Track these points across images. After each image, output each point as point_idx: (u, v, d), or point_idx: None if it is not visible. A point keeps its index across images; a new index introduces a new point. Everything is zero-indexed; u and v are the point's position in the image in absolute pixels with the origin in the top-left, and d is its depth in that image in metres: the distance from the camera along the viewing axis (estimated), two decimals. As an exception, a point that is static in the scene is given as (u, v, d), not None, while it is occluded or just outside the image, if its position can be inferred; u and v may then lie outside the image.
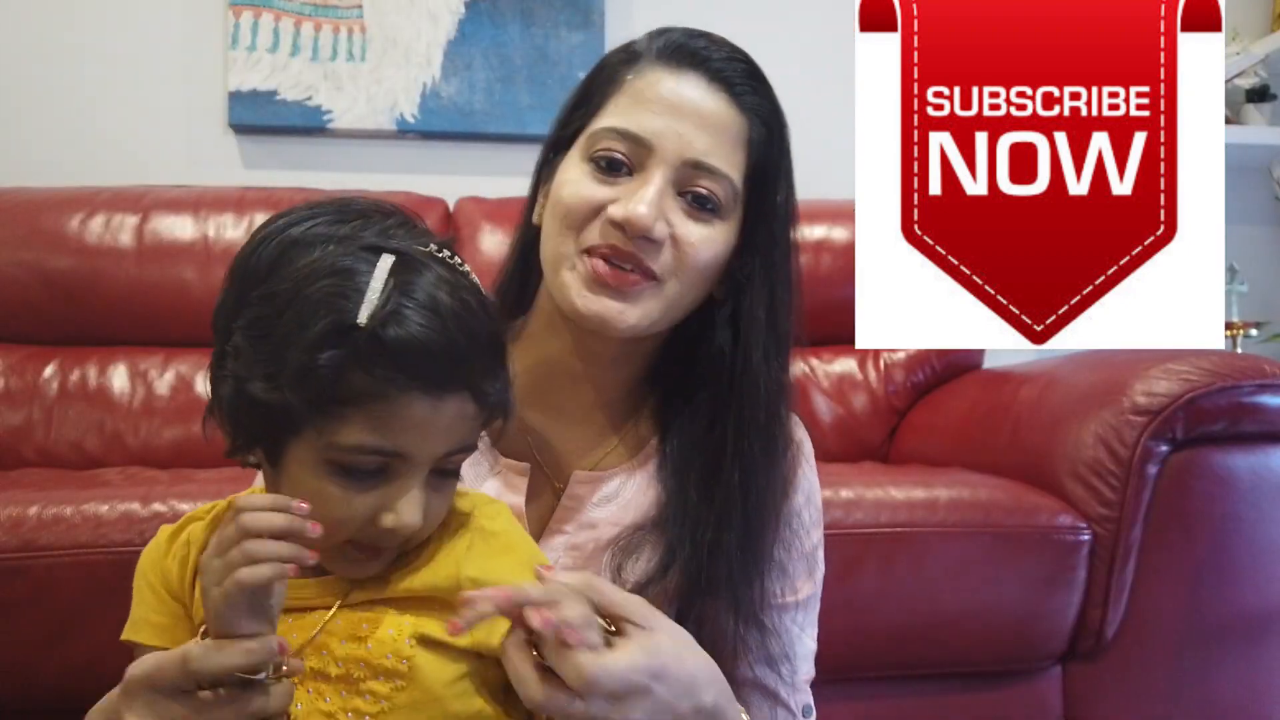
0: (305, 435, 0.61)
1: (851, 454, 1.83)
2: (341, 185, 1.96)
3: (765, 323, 0.81)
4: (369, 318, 0.58)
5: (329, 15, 2.10)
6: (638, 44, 0.82)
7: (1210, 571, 1.30)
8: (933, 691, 1.33)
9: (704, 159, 0.77)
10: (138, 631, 0.72)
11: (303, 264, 0.61)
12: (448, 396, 0.61)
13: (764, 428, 0.82)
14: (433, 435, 0.62)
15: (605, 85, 0.80)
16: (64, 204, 1.80)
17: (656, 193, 0.75)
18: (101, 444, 1.69)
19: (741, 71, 0.80)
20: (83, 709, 1.13)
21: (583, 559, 0.82)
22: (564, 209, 0.78)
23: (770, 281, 0.81)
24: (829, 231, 1.93)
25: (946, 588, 1.26)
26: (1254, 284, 2.33)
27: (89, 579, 1.08)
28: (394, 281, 0.60)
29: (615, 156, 0.77)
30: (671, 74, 0.78)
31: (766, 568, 0.81)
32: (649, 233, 0.75)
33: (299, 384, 0.58)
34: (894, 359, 1.91)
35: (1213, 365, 1.28)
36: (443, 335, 0.59)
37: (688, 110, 0.77)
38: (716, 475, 0.80)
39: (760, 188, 0.80)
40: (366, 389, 0.59)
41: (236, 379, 0.62)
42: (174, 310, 1.79)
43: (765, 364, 0.81)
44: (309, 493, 0.62)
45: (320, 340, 0.58)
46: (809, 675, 0.87)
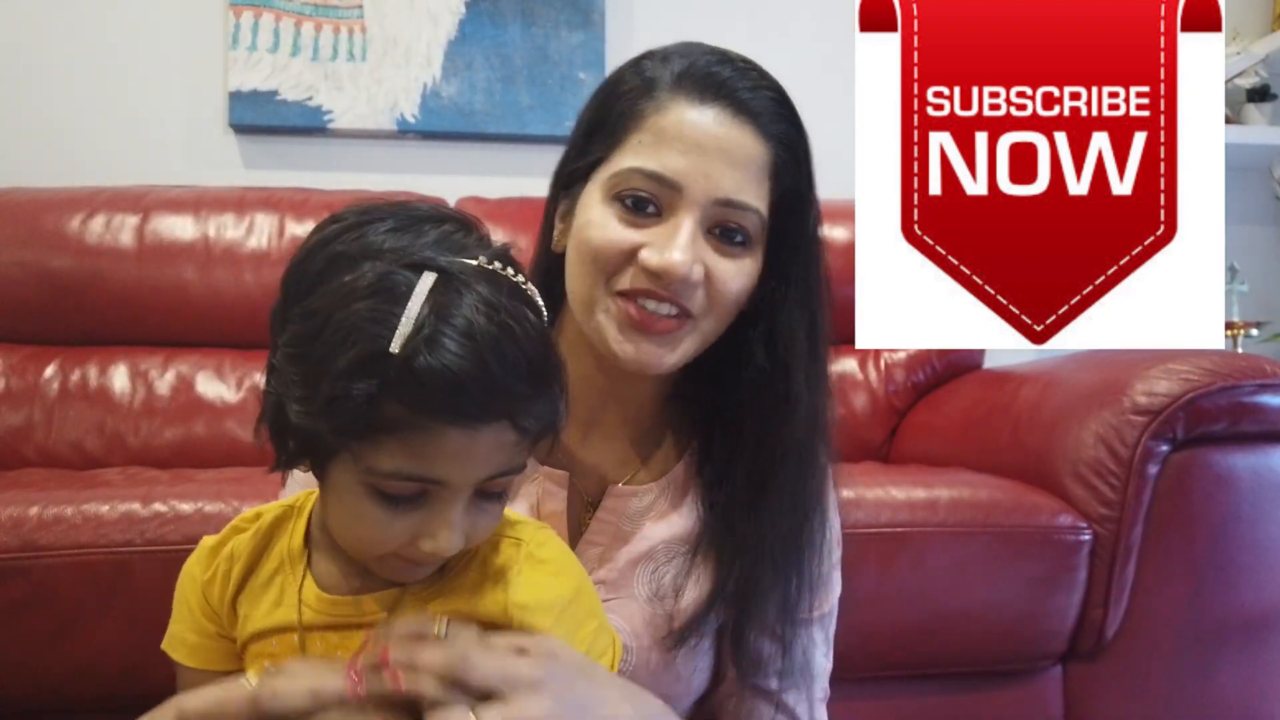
0: (342, 458, 0.60)
1: (852, 454, 1.83)
2: (342, 185, 1.96)
3: (806, 345, 0.81)
4: (402, 346, 0.56)
5: (329, 15, 2.10)
6: (653, 68, 0.78)
7: (1211, 571, 1.30)
8: (933, 691, 1.33)
9: (733, 196, 0.75)
10: (175, 649, 0.71)
11: (344, 281, 0.59)
12: (484, 427, 0.58)
13: (809, 449, 0.82)
14: (470, 463, 0.60)
15: (624, 118, 0.77)
16: (64, 204, 1.80)
17: (689, 238, 0.74)
18: (102, 444, 1.69)
19: (768, 100, 0.78)
20: (83, 709, 1.13)
21: (615, 572, 0.83)
22: (592, 252, 0.76)
23: (809, 305, 0.82)
24: (829, 231, 1.91)
25: (946, 588, 1.26)
26: (1254, 284, 2.33)
27: (89, 579, 1.08)
28: (431, 304, 0.57)
29: (641, 196, 0.75)
30: (694, 107, 0.76)
31: (806, 587, 0.82)
32: (688, 279, 0.74)
33: (332, 412, 0.57)
34: (894, 359, 1.91)
35: (1213, 365, 1.28)
36: (477, 366, 0.56)
37: (713, 148, 0.75)
38: (763, 497, 0.80)
39: (788, 214, 0.80)
40: (400, 418, 0.57)
41: (277, 397, 0.61)
42: (174, 310, 1.79)
43: (807, 386, 0.81)
44: (350, 510, 0.61)
45: (353, 369, 0.56)
46: (824, 694, 0.87)
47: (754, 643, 0.81)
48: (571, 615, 0.68)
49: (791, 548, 0.80)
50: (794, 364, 0.80)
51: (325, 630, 0.65)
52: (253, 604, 0.68)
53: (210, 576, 0.69)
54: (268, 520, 0.70)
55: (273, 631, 0.67)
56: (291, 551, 0.68)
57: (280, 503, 0.72)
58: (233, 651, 0.69)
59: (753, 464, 0.81)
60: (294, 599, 0.66)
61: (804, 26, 2.28)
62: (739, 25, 2.26)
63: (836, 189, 1.83)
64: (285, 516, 0.71)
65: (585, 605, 0.70)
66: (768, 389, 0.81)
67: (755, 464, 0.81)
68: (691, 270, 0.74)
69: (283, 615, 0.66)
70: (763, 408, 0.81)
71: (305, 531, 0.69)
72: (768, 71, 0.81)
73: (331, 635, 0.65)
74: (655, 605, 0.81)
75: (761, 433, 0.81)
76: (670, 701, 0.81)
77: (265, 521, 0.70)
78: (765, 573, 0.79)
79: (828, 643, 0.87)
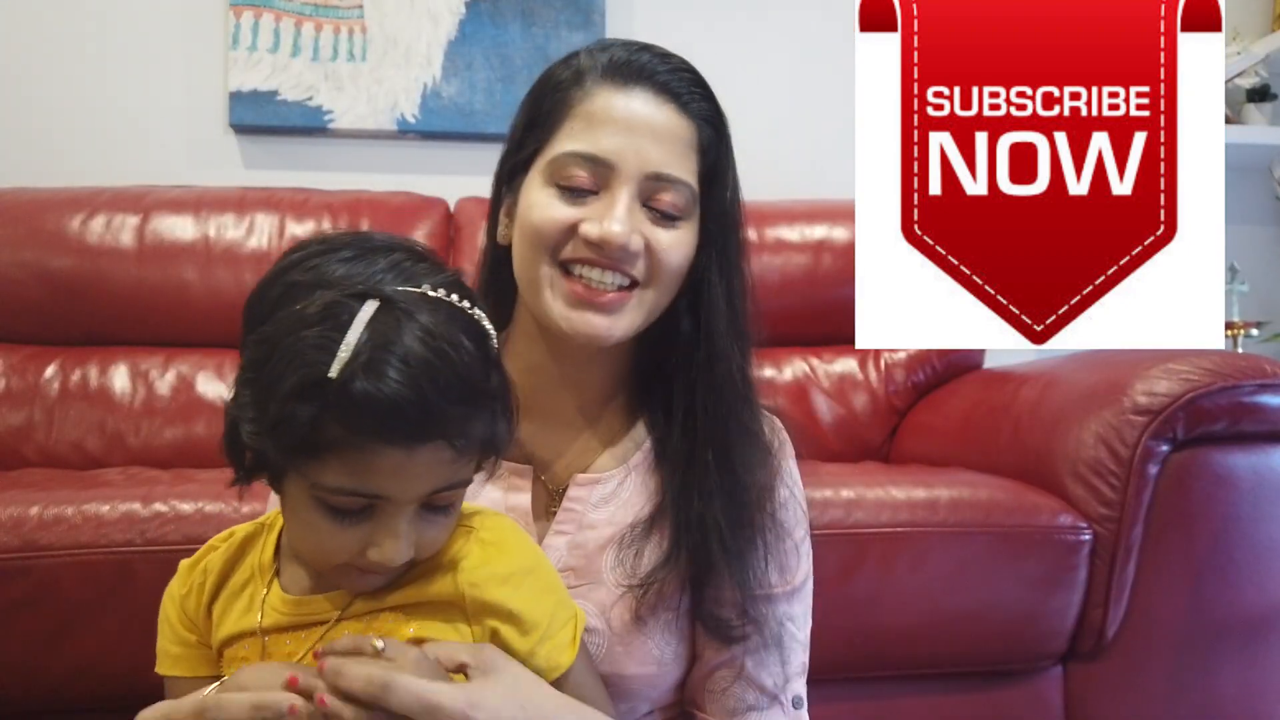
0: (292, 475, 0.63)
1: (852, 454, 1.83)
2: (342, 185, 1.96)
3: (726, 310, 0.85)
4: (340, 371, 0.59)
5: (330, 15, 2.10)
6: (581, 62, 0.84)
7: (1211, 571, 1.30)
8: (933, 691, 1.33)
9: (663, 170, 0.80)
10: (161, 663, 0.75)
11: (296, 309, 0.62)
12: (419, 447, 0.61)
13: (734, 406, 0.85)
14: (410, 480, 0.63)
15: (556, 108, 0.82)
16: (65, 204, 1.80)
17: (625, 209, 0.79)
18: (102, 444, 1.69)
19: (686, 80, 0.83)
20: (84, 708, 1.13)
21: (583, 559, 0.84)
22: (534, 232, 0.80)
23: (727, 273, 0.85)
24: (829, 231, 1.93)
25: (947, 588, 1.26)
26: (1254, 284, 2.33)
27: (90, 579, 1.08)
28: (371, 331, 0.60)
29: (579, 178, 0.80)
30: (620, 91, 0.81)
31: (759, 547, 0.83)
32: (626, 247, 0.78)
33: (278, 433, 0.60)
34: (894, 359, 1.91)
35: (1213, 365, 1.28)
36: (411, 390, 0.59)
37: (641, 126, 0.80)
38: (700, 469, 0.83)
39: (712, 187, 0.84)
40: (340, 438, 0.60)
41: (233, 418, 0.64)
42: (175, 310, 1.79)
43: (731, 346, 0.84)
44: (303, 523, 0.65)
45: (296, 392, 0.59)
46: (802, 665, 0.87)
47: (719, 618, 0.83)
48: (528, 586, 0.71)
49: (735, 521, 0.83)
50: (715, 329, 0.84)
51: (287, 631, 0.69)
52: (224, 611, 0.71)
53: (187, 591, 0.73)
54: (240, 537, 0.75)
55: (241, 636, 0.70)
56: (262, 563, 0.72)
57: (252, 522, 0.76)
58: (211, 658, 0.73)
59: (690, 436, 0.84)
60: (259, 605, 0.70)
61: (804, 26, 2.28)
62: (739, 25, 2.26)
63: (836, 189, 1.84)
64: (256, 533, 0.75)
65: (543, 579, 0.73)
66: (693, 356, 0.85)
67: (691, 435, 0.84)
68: (630, 239, 0.78)
69: (250, 620, 0.70)
70: (690, 376, 0.85)
71: (276, 546, 0.73)
72: (684, 58, 0.85)
73: (296, 635, 0.68)
74: (624, 587, 0.83)
75: (690, 402, 0.84)
76: (646, 684, 0.83)
77: (237, 538, 0.75)
78: (714, 546, 0.82)
79: (805, 616, 0.88)
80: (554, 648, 0.71)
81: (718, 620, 0.83)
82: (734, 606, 0.83)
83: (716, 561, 0.81)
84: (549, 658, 0.71)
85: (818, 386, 1.89)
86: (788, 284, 1.88)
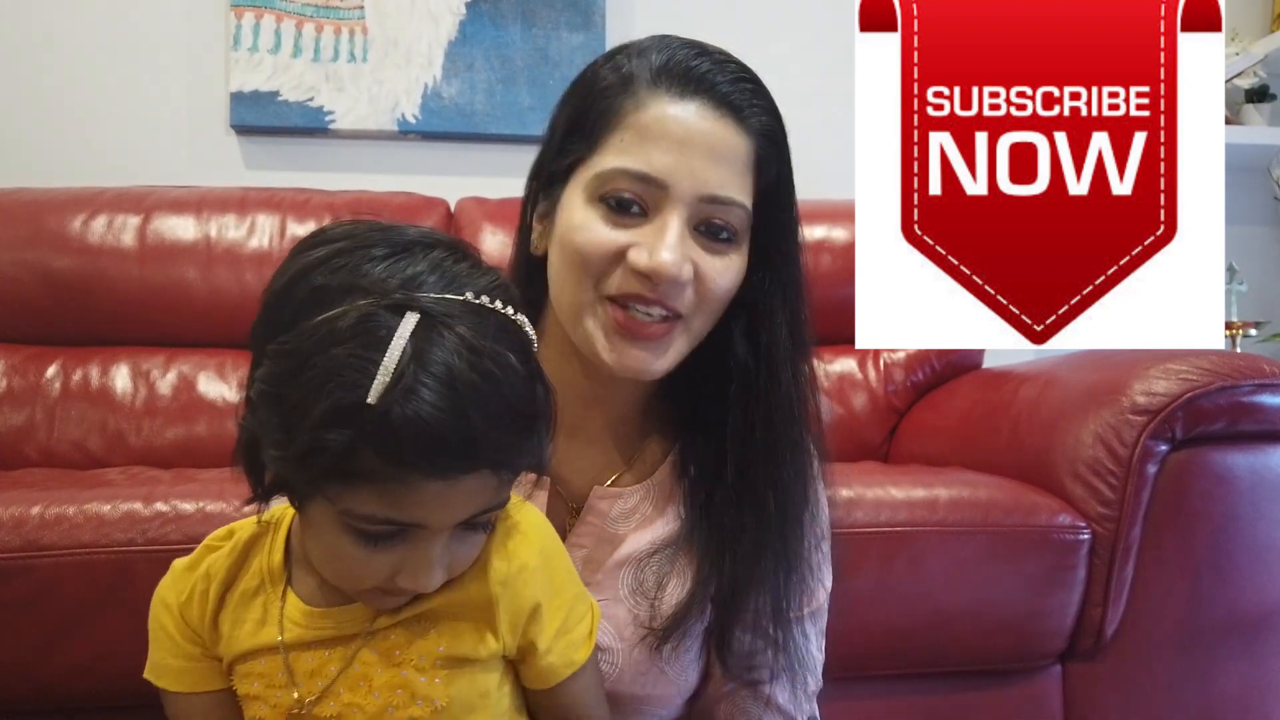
0: (321, 498, 0.58)
1: (851, 454, 1.83)
2: (343, 186, 1.96)
3: (789, 337, 0.80)
4: (379, 397, 0.54)
5: (330, 16, 2.10)
6: (631, 64, 0.77)
7: (1210, 571, 1.30)
8: (933, 691, 1.33)
9: (720, 192, 0.74)
10: (159, 676, 0.69)
11: (325, 319, 0.56)
12: (464, 478, 0.57)
13: (795, 443, 0.81)
14: (450, 509, 0.59)
15: (604, 115, 0.76)
16: (66, 204, 1.80)
17: (677, 237, 0.73)
18: (104, 444, 1.69)
19: (748, 92, 0.77)
20: (84, 708, 1.13)
21: (600, 574, 0.82)
22: (579, 256, 0.74)
23: (789, 297, 0.81)
24: (829, 231, 1.93)
25: (946, 587, 1.26)
26: (1254, 284, 2.33)
27: (91, 579, 1.08)
28: (412, 350, 0.54)
29: (626, 197, 0.74)
30: (675, 103, 0.74)
31: (787, 575, 0.81)
32: (678, 279, 0.73)
33: (307, 462, 0.55)
34: (894, 359, 1.91)
35: (1212, 365, 1.28)
36: (456, 418, 0.54)
37: (697, 143, 0.73)
38: (748, 493, 0.79)
39: (770, 205, 0.79)
40: (377, 469, 0.55)
41: (251, 435, 0.60)
42: (176, 311, 1.79)
43: (793, 379, 0.80)
44: (329, 548, 0.60)
45: (329, 419, 0.54)
46: (816, 686, 0.87)
47: (740, 642, 0.80)
48: (550, 578, 0.68)
49: (778, 545, 0.80)
50: (777, 355, 0.80)
51: (310, 647, 0.65)
52: (235, 623, 0.67)
53: (187, 598, 0.68)
54: (243, 537, 0.69)
55: (260, 651, 0.66)
56: (272, 569, 0.67)
57: (251, 519, 0.71)
58: (219, 670, 0.68)
59: (738, 460, 0.80)
60: (277, 616, 0.66)
61: (804, 26, 2.29)
62: (739, 25, 2.26)
63: (836, 189, 1.84)
64: (261, 533, 0.69)
65: (562, 571, 0.70)
66: (750, 382, 0.80)
67: (740, 460, 0.80)
68: (681, 270, 0.73)
69: (267, 635, 0.66)
70: (745, 402, 0.80)
71: (285, 548, 0.68)
72: (744, 63, 0.79)
73: (319, 652, 0.65)
74: (640, 607, 0.80)
75: (745, 428, 0.80)
76: (657, 702, 0.82)
77: (241, 539, 0.69)
78: (752, 570, 0.78)
79: (820, 635, 0.86)
80: (570, 643, 0.69)
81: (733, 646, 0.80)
82: (753, 631, 0.80)
83: (749, 595, 0.78)
84: (564, 654, 0.68)
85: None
86: (788, 284, 1.88)
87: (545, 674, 0.69)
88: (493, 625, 0.66)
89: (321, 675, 0.64)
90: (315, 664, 0.64)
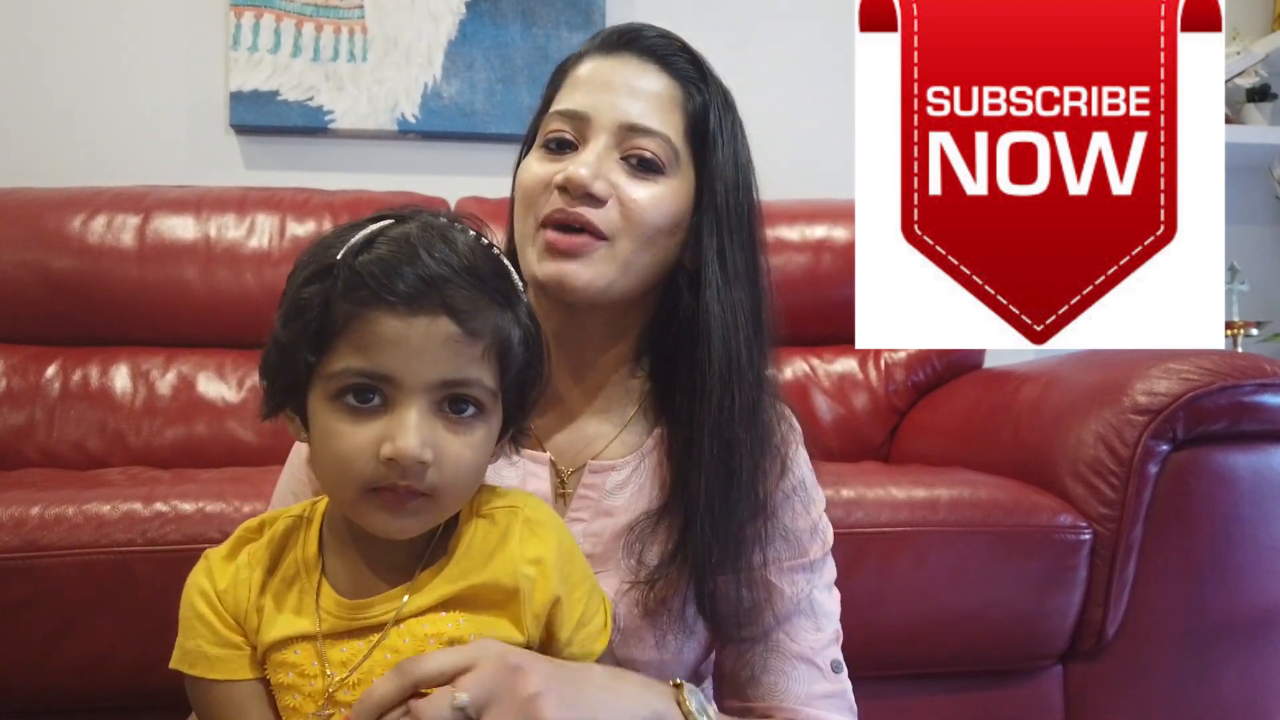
0: (315, 378, 0.64)
1: (852, 453, 1.83)
2: (343, 186, 1.96)
3: (721, 275, 0.83)
4: (345, 253, 0.63)
5: (330, 16, 2.10)
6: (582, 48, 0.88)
7: (1211, 570, 1.30)
8: (933, 691, 1.33)
9: (638, 120, 0.81)
10: (193, 664, 0.70)
11: (320, 242, 0.67)
12: (419, 315, 0.63)
13: (732, 385, 0.82)
14: (413, 354, 0.63)
15: (557, 85, 0.87)
16: (66, 204, 1.80)
17: (595, 155, 0.80)
18: (103, 444, 1.69)
19: (672, 47, 0.85)
20: (84, 708, 1.13)
21: (600, 545, 0.84)
22: (522, 191, 0.84)
23: (720, 238, 0.83)
24: (829, 231, 1.93)
25: (947, 588, 1.26)
26: (1254, 283, 2.33)
27: (91, 579, 1.08)
28: (381, 231, 0.65)
29: (563, 137, 0.82)
30: (604, 57, 0.84)
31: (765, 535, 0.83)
32: (588, 188, 0.79)
33: (294, 318, 0.64)
34: (894, 359, 1.91)
35: (1213, 365, 1.28)
36: (407, 255, 0.63)
37: (619, 83, 0.83)
38: (722, 452, 0.81)
39: (704, 150, 0.84)
40: (347, 315, 0.62)
41: (272, 336, 0.67)
42: (176, 310, 1.79)
43: (726, 316, 0.82)
44: (324, 434, 0.65)
45: (310, 278, 0.64)
46: (835, 633, 0.87)
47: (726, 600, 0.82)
48: (568, 575, 0.70)
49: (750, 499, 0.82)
50: (709, 294, 0.82)
51: (343, 637, 0.67)
52: (275, 610, 0.68)
53: (228, 585, 0.69)
54: (280, 529, 0.72)
55: (294, 640, 0.67)
56: (306, 559, 0.70)
57: (286, 511, 0.73)
58: (254, 659, 0.70)
59: (691, 418, 0.83)
60: (313, 606, 0.67)
61: (804, 26, 2.29)
62: (739, 25, 2.26)
63: (836, 189, 1.84)
64: (295, 526, 0.72)
65: (579, 566, 0.72)
66: (690, 329, 0.83)
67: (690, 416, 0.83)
68: (594, 183, 0.79)
69: (303, 624, 0.67)
70: (691, 351, 0.83)
71: (319, 540, 0.70)
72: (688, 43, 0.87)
73: (352, 641, 0.66)
74: (638, 575, 0.82)
75: (693, 377, 0.83)
76: (653, 671, 0.82)
77: (278, 530, 0.72)
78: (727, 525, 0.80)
79: (830, 587, 0.88)
80: (588, 635, 0.71)
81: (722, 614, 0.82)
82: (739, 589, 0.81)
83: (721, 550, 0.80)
84: (583, 645, 0.70)
85: (818, 386, 1.89)
86: (788, 284, 1.88)
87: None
88: (517, 616, 0.67)
89: (353, 664, 0.66)
90: (349, 654, 0.66)
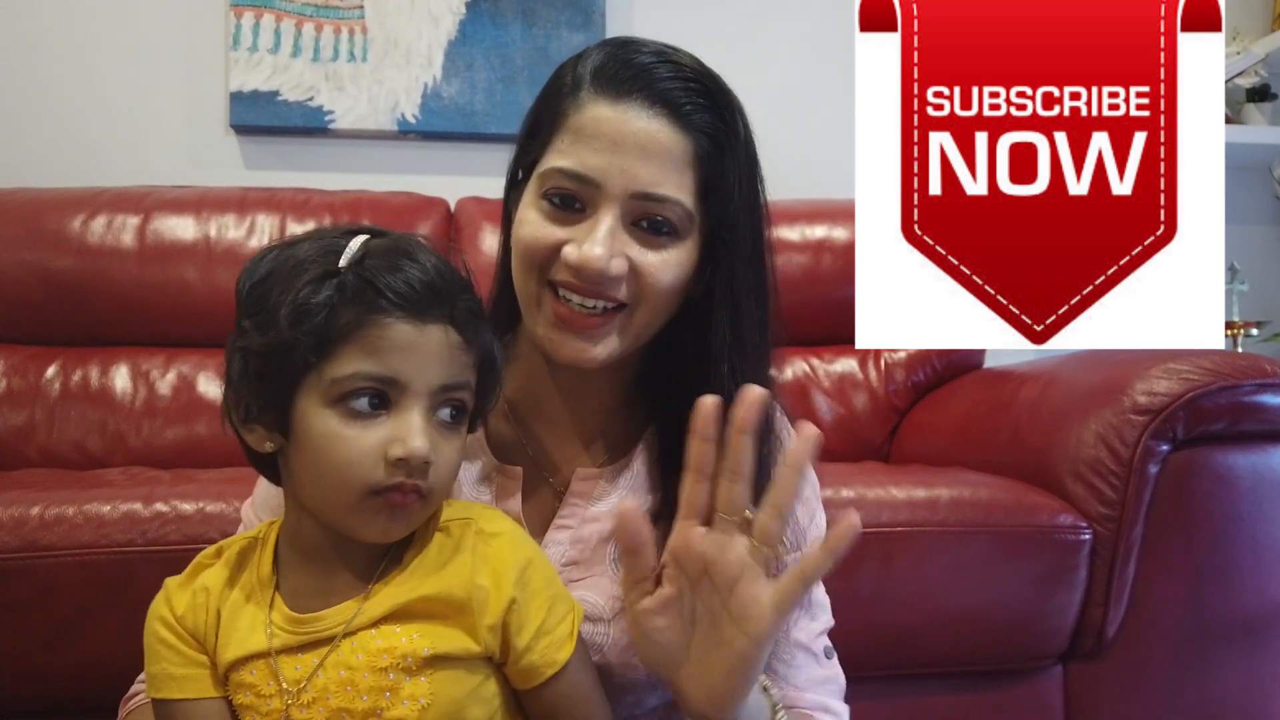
0: (309, 383, 0.64)
1: (852, 454, 1.83)
2: (343, 186, 1.96)
3: (729, 298, 0.81)
4: (348, 261, 0.65)
5: (330, 16, 2.10)
6: (582, 67, 0.80)
7: (1211, 571, 1.30)
8: (933, 691, 1.33)
9: (650, 189, 0.76)
10: (160, 688, 0.71)
11: (287, 256, 0.67)
12: (430, 323, 0.66)
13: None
14: (423, 360, 0.65)
15: (553, 117, 0.79)
16: (66, 204, 1.80)
17: (607, 232, 0.76)
18: (103, 444, 1.70)
19: (685, 89, 0.78)
20: (84, 708, 1.13)
21: (588, 551, 0.84)
22: (523, 249, 0.79)
23: (733, 296, 0.81)
24: (829, 231, 1.93)
25: (947, 587, 1.26)
26: (1254, 283, 2.33)
27: (91, 579, 1.08)
28: (367, 244, 0.67)
29: (567, 193, 0.77)
30: (610, 104, 0.77)
31: None
32: (605, 272, 0.76)
33: (295, 323, 0.63)
34: (895, 359, 1.91)
35: (1213, 365, 1.28)
36: (418, 269, 0.66)
37: (629, 143, 0.76)
38: None
39: (715, 202, 0.79)
40: (355, 320, 0.64)
41: (243, 350, 0.66)
42: (176, 311, 1.79)
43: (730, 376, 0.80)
44: (322, 441, 0.64)
45: (313, 285, 0.64)
46: (826, 623, 0.88)
47: None
48: (529, 581, 0.70)
49: None
50: (717, 353, 0.81)
51: (295, 652, 0.67)
52: (228, 633, 0.69)
53: (186, 609, 0.71)
54: (234, 553, 0.73)
55: (249, 659, 0.68)
56: (260, 579, 0.71)
57: (242, 535, 0.75)
58: (218, 679, 0.70)
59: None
60: (264, 624, 0.68)
61: (804, 26, 2.29)
62: (739, 25, 2.26)
63: (836, 189, 1.84)
64: (250, 549, 0.73)
65: (540, 574, 0.72)
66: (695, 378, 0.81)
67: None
68: (610, 265, 0.76)
69: (256, 642, 0.68)
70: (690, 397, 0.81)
71: (273, 559, 0.72)
72: (696, 58, 0.80)
73: (305, 656, 0.67)
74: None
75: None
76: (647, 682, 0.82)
77: (232, 554, 0.73)
78: None
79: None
80: (551, 643, 0.71)
81: None
82: None
83: None
84: (545, 654, 0.70)
85: (818, 386, 1.89)
86: (788, 284, 1.86)
87: (528, 674, 0.70)
88: (472, 626, 0.68)
89: (303, 679, 0.66)
90: (301, 673, 0.67)
